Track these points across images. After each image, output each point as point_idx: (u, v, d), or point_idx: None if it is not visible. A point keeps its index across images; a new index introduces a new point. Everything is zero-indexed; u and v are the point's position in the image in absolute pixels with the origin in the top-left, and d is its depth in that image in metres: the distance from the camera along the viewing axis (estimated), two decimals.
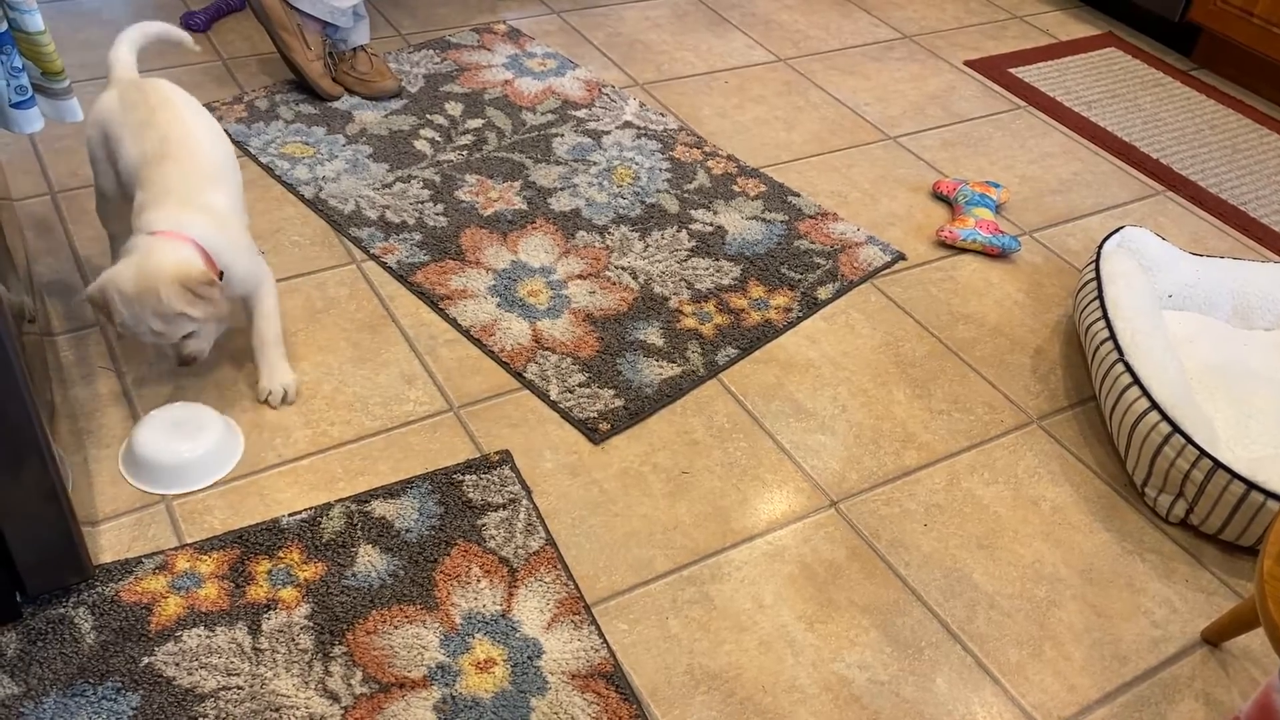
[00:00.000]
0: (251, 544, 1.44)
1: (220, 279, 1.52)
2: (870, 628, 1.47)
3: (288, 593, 1.38)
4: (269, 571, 1.41)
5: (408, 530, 1.49)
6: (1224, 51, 2.96)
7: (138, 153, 1.57)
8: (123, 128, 1.60)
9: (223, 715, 1.25)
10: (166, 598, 1.36)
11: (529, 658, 1.35)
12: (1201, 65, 3.04)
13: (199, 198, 1.55)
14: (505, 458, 1.60)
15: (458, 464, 1.59)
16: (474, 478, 1.57)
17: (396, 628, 1.36)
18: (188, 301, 1.46)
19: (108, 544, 1.43)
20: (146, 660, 1.29)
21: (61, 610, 1.32)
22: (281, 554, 1.43)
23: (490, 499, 1.54)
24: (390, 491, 1.54)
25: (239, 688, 1.28)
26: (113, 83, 1.68)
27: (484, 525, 1.51)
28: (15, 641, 1.27)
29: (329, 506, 1.51)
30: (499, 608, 1.41)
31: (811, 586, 1.51)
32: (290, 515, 1.49)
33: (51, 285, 1.83)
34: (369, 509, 1.51)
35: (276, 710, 1.26)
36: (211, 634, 1.33)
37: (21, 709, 1.22)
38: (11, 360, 1.12)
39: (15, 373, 1.13)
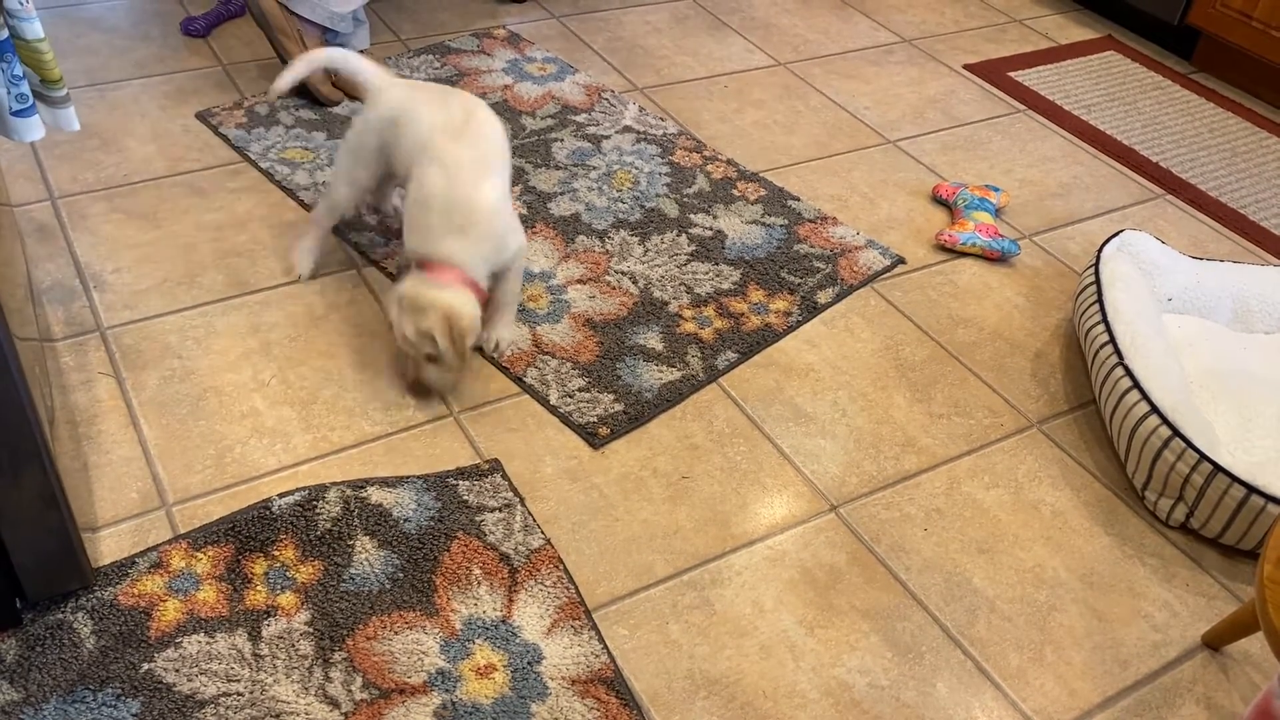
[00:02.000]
0: (245, 537, 1.44)
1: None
2: (871, 632, 1.47)
3: (286, 598, 1.38)
4: (265, 574, 1.41)
5: (406, 520, 1.49)
6: (1223, 55, 2.97)
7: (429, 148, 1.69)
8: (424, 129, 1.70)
9: None
10: (165, 601, 1.36)
11: (529, 663, 1.35)
12: (1201, 68, 3.04)
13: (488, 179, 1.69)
14: (496, 465, 1.60)
15: (449, 470, 1.59)
16: (467, 483, 1.57)
17: (396, 633, 1.36)
18: (442, 333, 1.59)
19: (108, 550, 1.43)
20: (146, 666, 1.29)
21: (60, 615, 1.32)
22: (276, 550, 1.43)
23: (485, 502, 1.55)
24: (386, 482, 1.54)
25: (239, 694, 1.28)
26: (403, 88, 1.77)
27: (483, 521, 1.51)
28: (15, 647, 1.27)
29: (324, 489, 1.50)
30: (499, 613, 1.40)
31: (812, 591, 1.51)
32: (281, 496, 1.48)
33: (51, 291, 1.83)
34: (365, 495, 1.51)
35: (276, 716, 1.26)
36: (211, 640, 1.33)
37: (21, 715, 1.22)
38: (11, 366, 1.12)
39: (15, 379, 1.13)
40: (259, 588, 1.39)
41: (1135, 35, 3.18)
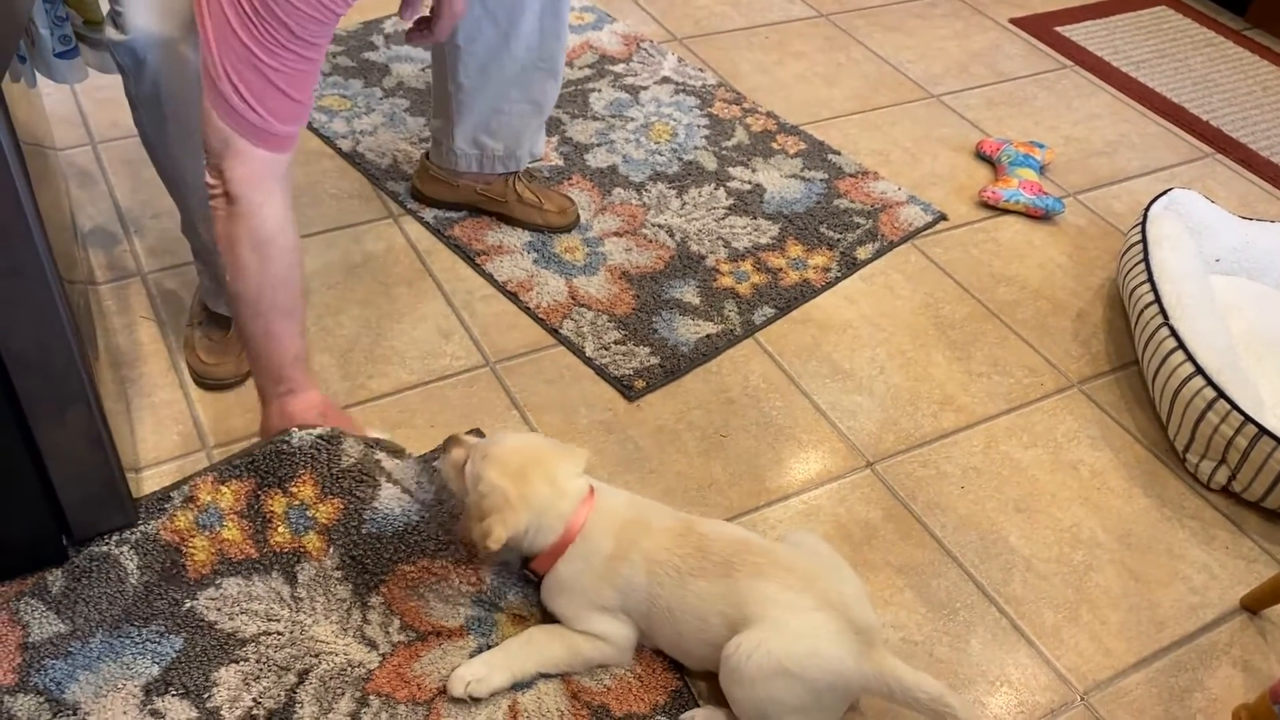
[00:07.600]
0: (264, 472, 1.39)
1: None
2: (905, 588, 1.47)
3: (310, 539, 1.37)
4: (285, 513, 1.38)
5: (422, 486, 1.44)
6: (1279, 11, 2.88)
7: None
8: None
9: (263, 659, 1.27)
10: (194, 537, 1.35)
11: None
12: (1255, 25, 2.96)
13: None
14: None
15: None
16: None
17: (428, 584, 1.35)
18: (482, 470, 1.28)
19: (150, 490, 1.45)
20: (189, 604, 1.30)
21: (105, 548, 1.32)
22: (295, 488, 1.38)
23: None
24: (394, 450, 1.46)
25: (279, 633, 1.30)
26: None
27: None
28: (61, 579, 1.29)
29: (341, 436, 1.43)
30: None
31: (847, 546, 1.51)
32: (302, 428, 1.41)
33: (93, 235, 1.85)
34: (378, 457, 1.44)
35: (316, 655, 1.28)
36: (249, 582, 1.34)
37: (69, 647, 1.24)
38: (59, 309, 1.13)
39: (62, 321, 1.14)
40: (280, 528, 1.38)
41: None
